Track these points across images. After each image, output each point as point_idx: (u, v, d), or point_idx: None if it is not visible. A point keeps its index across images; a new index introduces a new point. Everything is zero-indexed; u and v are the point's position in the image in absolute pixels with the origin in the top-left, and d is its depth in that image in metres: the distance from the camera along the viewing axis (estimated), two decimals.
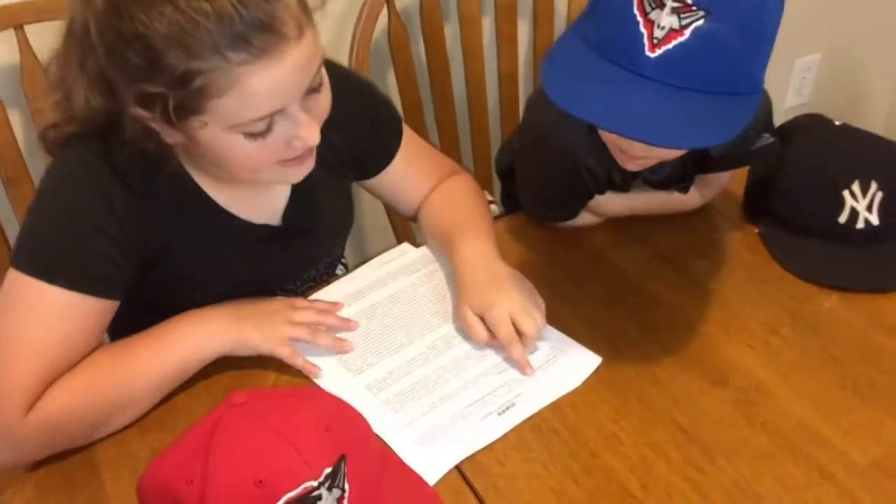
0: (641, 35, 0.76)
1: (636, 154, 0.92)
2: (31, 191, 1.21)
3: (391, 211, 1.43)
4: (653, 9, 0.76)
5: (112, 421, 0.86)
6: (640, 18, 0.76)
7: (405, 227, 1.44)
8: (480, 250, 1.00)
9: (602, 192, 1.08)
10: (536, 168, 1.10)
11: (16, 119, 1.22)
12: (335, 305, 1.01)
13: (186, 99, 0.75)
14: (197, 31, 0.72)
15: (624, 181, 1.08)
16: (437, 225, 1.08)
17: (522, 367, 0.92)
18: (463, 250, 1.00)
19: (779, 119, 2.32)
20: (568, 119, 0.98)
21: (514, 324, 0.92)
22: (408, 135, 1.10)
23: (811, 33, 2.04)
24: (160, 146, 0.84)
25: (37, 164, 1.21)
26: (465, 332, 0.96)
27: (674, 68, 0.76)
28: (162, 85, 0.75)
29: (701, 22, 0.75)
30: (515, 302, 0.93)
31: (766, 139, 1.04)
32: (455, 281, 0.99)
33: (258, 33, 0.74)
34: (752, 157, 1.06)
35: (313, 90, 0.82)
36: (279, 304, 0.96)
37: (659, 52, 0.76)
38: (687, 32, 0.75)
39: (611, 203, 1.12)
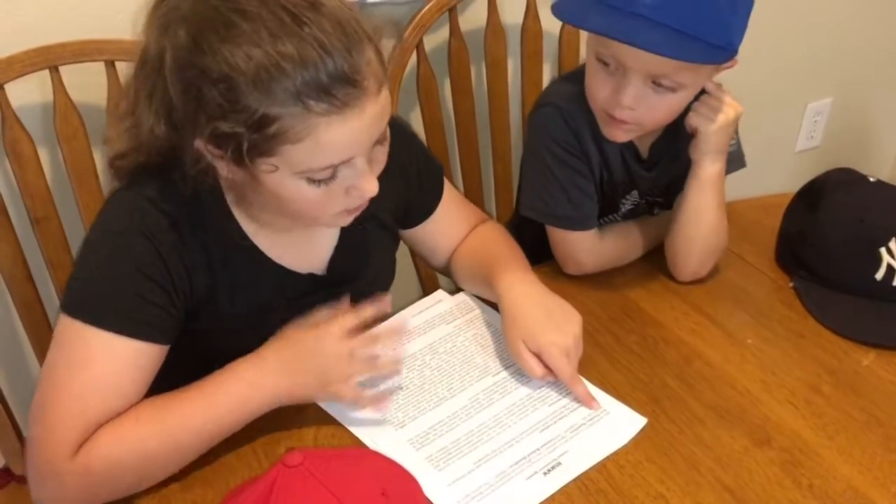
0: None
1: (623, 116, 1.01)
2: (60, 230, 1.20)
3: (417, 257, 1.42)
4: None
5: (157, 473, 0.84)
6: None
7: (428, 272, 1.44)
8: (528, 287, 1.00)
9: (597, 190, 1.13)
10: (540, 153, 1.11)
11: (45, 158, 1.21)
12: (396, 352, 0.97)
13: (261, 141, 0.76)
14: (281, 77, 0.73)
15: (613, 192, 1.16)
16: (475, 266, 1.07)
17: (588, 402, 0.93)
18: (510, 286, 1.00)
19: (790, 161, 2.32)
20: (570, 103, 1.09)
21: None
22: (446, 184, 1.11)
23: (823, 78, 2.07)
24: (211, 191, 0.85)
25: (65, 203, 1.21)
26: (505, 386, 0.96)
27: (663, 9, 0.93)
28: (239, 125, 0.75)
29: None
30: (570, 340, 0.94)
31: (733, 144, 1.12)
32: (504, 316, 0.98)
33: (341, 86, 0.75)
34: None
35: (378, 142, 0.83)
36: (330, 349, 0.88)
37: None
38: None
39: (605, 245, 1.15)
